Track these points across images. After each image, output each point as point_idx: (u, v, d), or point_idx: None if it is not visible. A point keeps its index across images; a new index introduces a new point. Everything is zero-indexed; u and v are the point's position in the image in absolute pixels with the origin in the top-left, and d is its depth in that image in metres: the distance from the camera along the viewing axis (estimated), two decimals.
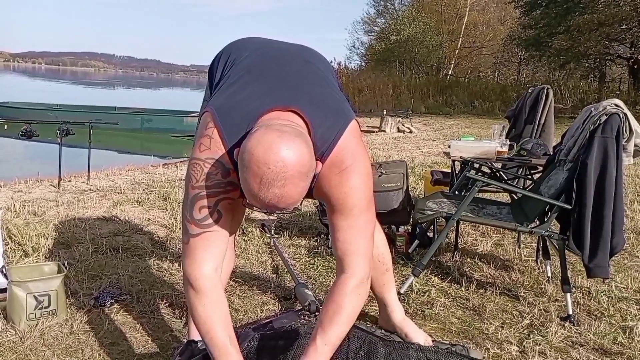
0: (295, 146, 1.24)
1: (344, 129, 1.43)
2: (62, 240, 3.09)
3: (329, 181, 1.43)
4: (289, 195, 1.24)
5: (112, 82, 66.74)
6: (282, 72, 1.55)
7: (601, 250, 2.23)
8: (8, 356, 1.86)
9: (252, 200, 1.28)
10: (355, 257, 1.49)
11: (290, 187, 1.23)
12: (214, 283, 1.44)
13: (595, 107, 2.34)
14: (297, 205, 1.31)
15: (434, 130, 12.81)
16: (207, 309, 1.43)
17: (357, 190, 1.45)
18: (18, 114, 11.17)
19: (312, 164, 1.29)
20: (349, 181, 1.43)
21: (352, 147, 1.44)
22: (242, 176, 1.27)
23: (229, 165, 1.39)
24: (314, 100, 1.45)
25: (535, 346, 2.07)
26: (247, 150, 1.24)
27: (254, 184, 1.23)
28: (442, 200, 2.80)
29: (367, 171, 1.48)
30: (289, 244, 3.24)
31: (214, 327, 1.43)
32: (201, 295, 1.43)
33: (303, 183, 1.27)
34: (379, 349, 1.75)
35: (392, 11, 31.53)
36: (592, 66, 21.28)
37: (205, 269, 1.43)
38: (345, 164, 1.42)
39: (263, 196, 1.23)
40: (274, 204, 1.25)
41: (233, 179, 1.40)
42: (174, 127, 11.84)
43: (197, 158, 1.41)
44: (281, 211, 1.29)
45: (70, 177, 5.32)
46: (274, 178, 1.21)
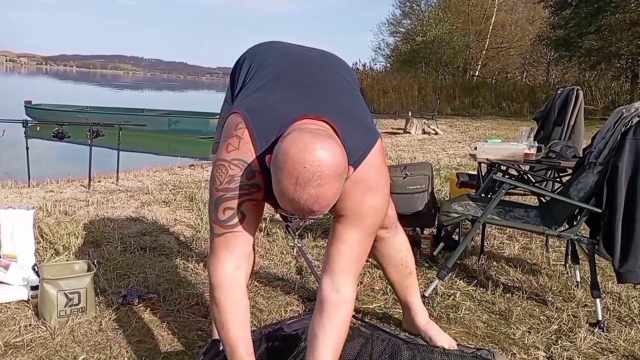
0: (329, 146, 1.24)
1: (373, 145, 1.43)
2: (91, 239, 3.16)
3: (352, 197, 1.41)
4: (324, 196, 1.22)
5: (140, 84, 67.90)
6: (311, 80, 1.55)
7: (632, 255, 2.18)
8: (39, 352, 1.91)
9: (287, 204, 1.26)
10: (353, 277, 1.48)
11: (326, 187, 1.21)
12: (234, 282, 1.45)
13: (627, 109, 2.28)
14: (329, 209, 1.29)
15: (460, 132, 12.68)
16: (225, 306, 1.44)
17: (377, 210, 1.46)
18: (50, 115, 11.47)
19: (346, 165, 1.28)
20: (372, 200, 1.43)
21: (379, 165, 1.44)
22: (275, 179, 1.26)
23: (255, 167, 1.39)
24: (343, 112, 1.45)
25: (563, 352, 2.03)
26: (282, 152, 1.23)
27: (289, 186, 1.21)
28: (468, 203, 2.77)
29: (388, 192, 1.49)
30: (312, 245, 3.24)
31: (228, 324, 1.44)
32: (220, 292, 1.44)
33: (338, 184, 1.25)
34: (403, 352, 1.74)
35: (418, 12, 31.36)
36: (624, 67, 20.78)
37: (226, 268, 1.44)
38: (371, 182, 1.41)
39: (299, 197, 1.21)
40: (309, 205, 1.22)
41: (257, 181, 1.40)
42: (201, 129, 11.98)
43: (222, 159, 1.42)
44: (314, 215, 1.26)
45: (100, 177, 5.44)
46: (310, 178, 1.19)
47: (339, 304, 1.46)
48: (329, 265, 1.48)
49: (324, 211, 1.27)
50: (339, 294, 1.46)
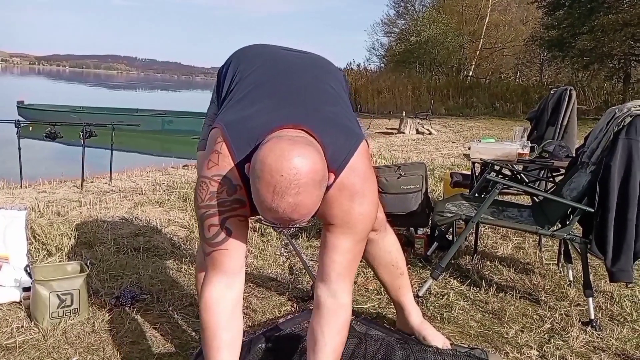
0: (307, 153, 1.23)
1: (355, 149, 1.41)
2: (84, 240, 3.15)
3: (340, 205, 1.40)
4: (303, 205, 1.21)
5: (134, 84, 67.69)
6: (291, 87, 1.53)
7: (624, 254, 2.19)
8: (31, 353, 1.90)
9: (266, 214, 1.24)
10: (348, 282, 1.48)
11: (305, 195, 1.20)
12: (225, 305, 1.42)
13: (620, 109, 2.30)
14: (310, 218, 1.27)
15: (453, 132, 12.72)
16: (213, 330, 1.41)
17: (366, 217, 1.44)
18: (42, 115, 11.41)
19: (325, 172, 1.27)
20: (361, 207, 1.41)
21: (363, 169, 1.42)
22: (254, 188, 1.24)
23: (237, 182, 1.37)
24: (324, 119, 1.43)
25: (555, 351, 2.04)
26: (259, 160, 1.22)
27: (267, 195, 1.20)
28: (462, 203, 2.78)
29: (376, 197, 1.47)
30: (307, 245, 3.24)
31: (213, 351, 1.40)
32: (208, 314, 1.42)
33: (317, 192, 1.24)
34: (397, 352, 1.75)
35: (412, 12, 31.39)
36: (617, 67, 20.88)
37: (217, 289, 1.42)
38: (356, 187, 1.40)
39: (277, 206, 1.20)
40: (288, 214, 1.21)
41: (240, 196, 1.38)
42: (195, 129, 11.87)
43: (203, 176, 1.40)
44: (294, 224, 1.25)
45: (93, 178, 5.41)
46: (288, 186, 1.18)
47: (337, 309, 1.46)
48: (324, 273, 1.47)
49: (305, 219, 1.25)
50: (336, 299, 1.46)
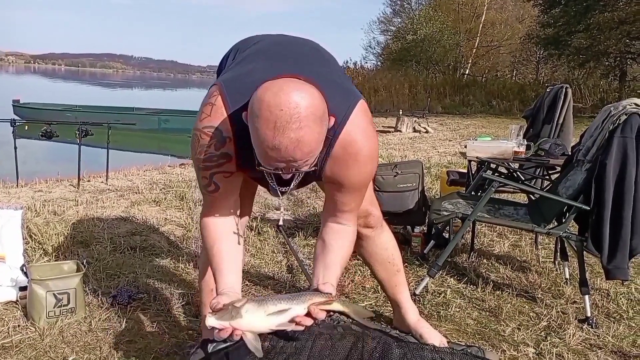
0: (306, 89, 1.20)
1: (354, 105, 1.41)
2: (81, 239, 3.14)
3: (345, 163, 1.40)
4: (305, 141, 1.17)
5: (130, 83, 67.51)
6: (288, 53, 1.55)
7: (620, 252, 2.20)
8: (28, 353, 1.90)
9: (267, 156, 1.20)
10: (354, 216, 1.54)
11: (306, 130, 1.16)
12: (221, 223, 1.50)
13: (615, 107, 2.30)
14: (314, 162, 1.25)
15: (450, 130, 12.73)
16: (210, 241, 1.48)
17: (369, 174, 1.48)
18: (38, 114, 11.38)
19: (325, 110, 1.23)
20: (365, 166, 1.43)
21: (364, 125, 1.41)
22: (254, 131, 1.20)
23: (227, 134, 1.36)
24: (321, 78, 1.39)
25: (552, 348, 2.05)
26: (257, 99, 1.19)
27: (267, 132, 1.16)
28: (458, 201, 2.78)
29: (377, 153, 1.49)
30: (304, 244, 3.24)
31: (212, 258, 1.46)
32: (206, 231, 1.50)
33: (319, 128, 1.20)
34: (394, 350, 1.75)
35: (409, 10, 31.42)
36: (612, 65, 20.94)
37: (212, 217, 1.50)
38: (359, 144, 1.39)
39: (279, 143, 1.15)
40: (291, 152, 1.17)
41: (227, 150, 1.38)
42: (191, 128, 11.89)
43: (196, 128, 1.42)
44: (297, 167, 1.21)
45: (89, 177, 5.40)
46: (288, 120, 1.15)
47: (343, 230, 1.51)
48: (330, 212, 1.53)
49: (308, 161, 1.22)
50: (342, 225, 1.52)
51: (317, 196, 4.60)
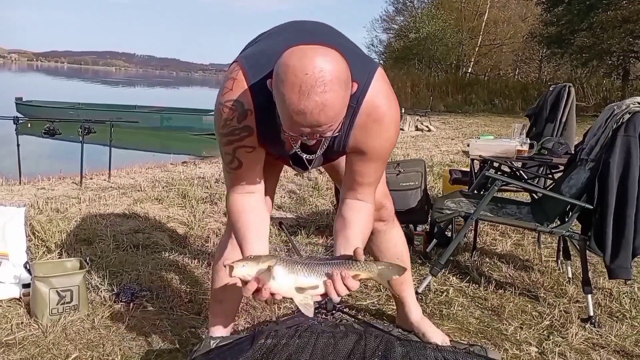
0: (330, 53, 1.21)
1: (374, 73, 1.42)
2: (83, 236, 3.15)
3: (369, 130, 1.41)
4: (330, 105, 1.17)
5: (132, 80, 67.54)
6: (307, 28, 1.56)
7: (623, 251, 2.20)
8: (31, 350, 1.90)
9: (293, 121, 1.20)
10: (373, 191, 1.54)
11: (331, 94, 1.17)
12: (246, 202, 1.50)
13: (619, 106, 2.30)
14: (338, 127, 1.25)
15: (452, 128, 12.72)
16: (235, 216, 1.48)
17: (392, 141, 1.48)
18: (41, 112, 11.37)
19: (349, 75, 1.24)
20: (388, 132, 1.44)
21: (386, 91, 1.43)
22: (279, 96, 1.21)
23: (248, 106, 1.37)
24: (342, 47, 1.39)
25: (555, 347, 2.05)
26: (282, 64, 1.20)
27: (292, 96, 1.17)
28: (461, 200, 2.78)
29: (399, 117, 1.50)
30: (306, 242, 3.24)
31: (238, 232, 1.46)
32: (232, 209, 1.49)
33: (343, 92, 1.20)
34: (397, 349, 1.75)
35: (411, 9, 31.38)
36: (616, 63, 20.90)
37: (237, 196, 1.50)
38: (383, 109, 1.41)
39: (304, 107, 1.16)
40: (316, 116, 1.17)
41: (249, 122, 1.39)
42: (193, 126, 11.94)
43: (218, 103, 1.42)
44: (322, 132, 1.21)
45: (92, 174, 5.41)
46: (314, 84, 1.15)
47: (362, 207, 1.51)
48: (350, 186, 1.53)
49: (333, 126, 1.22)
50: (360, 202, 1.52)
51: (319, 194, 4.61)
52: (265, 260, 1.23)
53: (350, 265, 1.26)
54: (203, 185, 4.88)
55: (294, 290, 1.24)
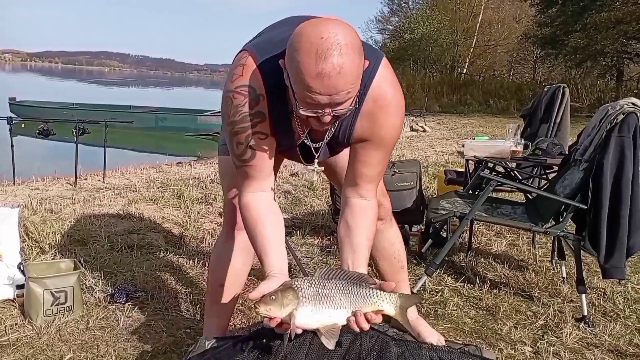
0: (344, 23, 1.21)
1: (381, 60, 1.42)
2: (78, 237, 3.13)
3: (375, 117, 1.41)
4: (347, 69, 1.16)
5: (127, 81, 67.32)
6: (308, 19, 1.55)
7: (617, 251, 2.21)
8: (25, 351, 1.89)
9: (309, 88, 1.18)
10: (375, 188, 1.52)
11: (347, 57, 1.16)
12: (260, 201, 1.46)
13: (612, 106, 2.31)
14: (353, 101, 1.23)
15: (447, 129, 12.74)
16: (252, 223, 1.45)
17: (397, 128, 1.47)
18: (35, 112, 11.32)
19: (362, 46, 1.23)
20: (395, 119, 1.44)
21: (391, 78, 1.43)
22: (294, 67, 1.19)
23: (260, 91, 1.35)
24: None
25: (549, 347, 2.05)
26: (296, 34, 1.20)
27: (309, 61, 1.15)
28: (456, 200, 2.78)
29: (404, 107, 1.49)
30: (301, 243, 3.24)
31: (256, 240, 1.44)
32: (248, 211, 1.46)
33: (358, 60, 1.19)
34: (392, 349, 1.75)
35: (406, 10, 31.45)
36: (610, 64, 21.01)
37: (249, 194, 1.46)
38: (389, 96, 1.41)
39: (321, 69, 1.14)
40: (334, 80, 1.15)
41: (261, 108, 1.37)
42: (188, 126, 11.92)
43: (227, 90, 1.39)
44: (338, 105, 1.20)
45: (87, 175, 5.39)
46: (329, 47, 1.15)
47: (365, 208, 1.50)
48: (352, 181, 1.51)
49: (351, 92, 1.20)
50: (363, 200, 1.50)
51: (315, 195, 4.61)
52: (288, 302, 1.22)
53: (375, 299, 1.28)
54: (198, 186, 4.87)
55: (316, 326, 1.25)
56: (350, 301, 1.25)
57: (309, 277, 1.28)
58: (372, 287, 1.29)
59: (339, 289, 1.26)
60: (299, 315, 1.22)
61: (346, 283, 1.27)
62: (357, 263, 1.40)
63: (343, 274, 1.29)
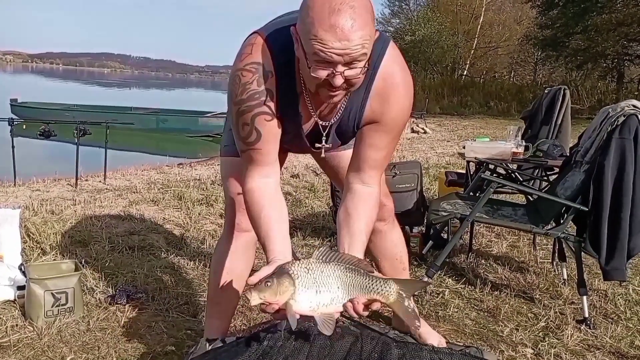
0: None
1: (389, 42, 1.43)
2: (79, 238, 3.13)
3: (385, 97, 1.41)
4: (360, 24, 1.16)
5: (128, 82, 67.35)
6: None
7: (618, 253, 2.21)
8: (26, 352, 1.89)
9: (321, 45, 1.17)
10: (379, 174, 1.51)
11: (359, 13, 1.16)
12: (264, 188, 1.44)
13: (613, 108, 2.31)
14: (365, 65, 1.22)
15: (448, 131, 12.75)
16: (256, 210, 1.43)
17: (406, 111, 1.46)
18: (36, 114, 11.33)
19: (374, 12, 1.23)
20: (405, 99, 1.43)
21: (400, 59, 1.44)
22: (306, 24, 1.19)
23: (269, 68, 1.35)
24: None
25: (550, 349, 2.05)
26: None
27: (323, 16, 1.15)
28: (457, 202, 2.78)
29: (413, 87, 1.49)
30: (302, 244, 3.24)
31: (260, 226, 1.42)
32: (252, 198, 1.44)
33: (371, 21, 1.20)
34: (393, 350, 1.75)
35: (407, 11, 31.44)
36: (610, 66, 21.01)
37: (254, 180, 1.44)
38: (398, 76, 1.41)
39: (335, 21, 1.14)
40: (347, 32, 1.15)
41: (270, 87, 1.36)
42: (189, 127, 11.93)
43: (236, 69, 1.38)
44: (353, 60, 1.19)
45: (87, 176, 5.39)
46: (342, 2, 1.15)
47: (367, 195, 1.48)
48: (357, 165, 1.49)
49: (365, 48, 1.19)
50: (366, 186, 1.49)
51: (315, 196, 4.61)
52: (284, 290, 1.20)
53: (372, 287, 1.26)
54: (199, 187, 4.87)
55: (313, 313, 1.23)
56: (347, 288, 1.25)
57: (306, 260, 1.26)
58: (370, 275, 1.28)
59: (337, 276, 1.24)
60: (295, 303, 1.21)
61: (344, 269, 1.25)
62: (353, 247, 1.39)
63: (341, 257, 1.28)
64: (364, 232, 1.43)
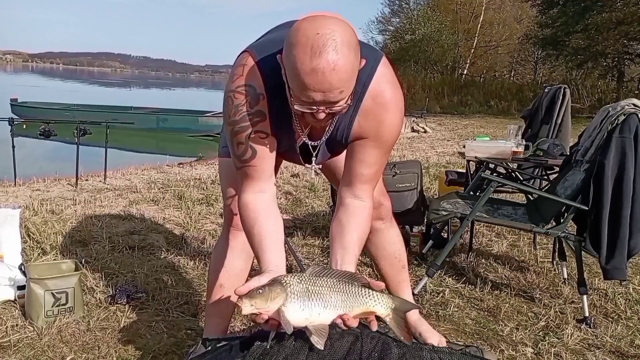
0: (341, 21, 1.22)
1: (380, 59, 1.42)
2: (79, 238, 3.13)
3: (375, 115, 1.41)
4: (342, 65, 1.16)
5: (128, 82, 67.33)
6: None
7: (618, 252, 2.20)
8: (26, 352, 1.89)
9: (303, 89, 1.19)
10: (371, 189, 1.51)
11: (342, 55, 1.16)
12: (258, 202, 1.45)
13: (613, 107, 2.31)
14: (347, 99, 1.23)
15: (448, 130, 12.74)
16: (250, 222, 1.44)
17: (397, 127, 1.47)
18: (36, 113, 11.34)
19: (358, 45, 1.23)
20: (394, 117, 1.44)
21: (391, 77, 1.44)
22: (290, 61, 1.19)
23: (260, 90, 1.36)
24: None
25: (550, 348, 2.05)
26: (293, 29, 1.21)
27: (304, 57, 1.16)
28: (457, 201, 2.78)
29: (403, 107, 1.49)
30: (302, 244, 3.24)
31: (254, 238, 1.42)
32: (246, 211, 1.45)
33: (353, 58, 1.19)
34: (393, 350, 1.74)
35: (407, 10, 31.41)
36: (610, 65, 21.00)
37: (249, 194, 1.45)
38: (387, 95, 1.41)
39: (316, 65, 1.15)
40: (328, 76, 1.16)
41: (261, 108, 1.37)
42: (189, 127, 11.92)
43: (228, 90, 1.40)
44: (333, 103, 1.20)
45: (88, 176, 5.39)
46: (325, 43, 1.15)
47: (360, 209, 1.49)
48: (348, 180, 1.50)
49: (344, 92, 1.20)
50: (358, 201, 1.49)
51: (315, 196, 4.61)
52: (276, 296, 1.19)
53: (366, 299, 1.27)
54: (199, 187, 4.88)
55: (305, 324, 1.23)
56: (341, 300, 1.24)
57: (299, 273, 1.25)
58: (364, 287, 1.27)
59: (330, 287, 1.24)
60: (287, 311, 1.20)
61: (337, 281, 1.24)
62: (346, 259, 1.39)
63: (335, 272, 1.28)
64: (357, 245, 1.44)
